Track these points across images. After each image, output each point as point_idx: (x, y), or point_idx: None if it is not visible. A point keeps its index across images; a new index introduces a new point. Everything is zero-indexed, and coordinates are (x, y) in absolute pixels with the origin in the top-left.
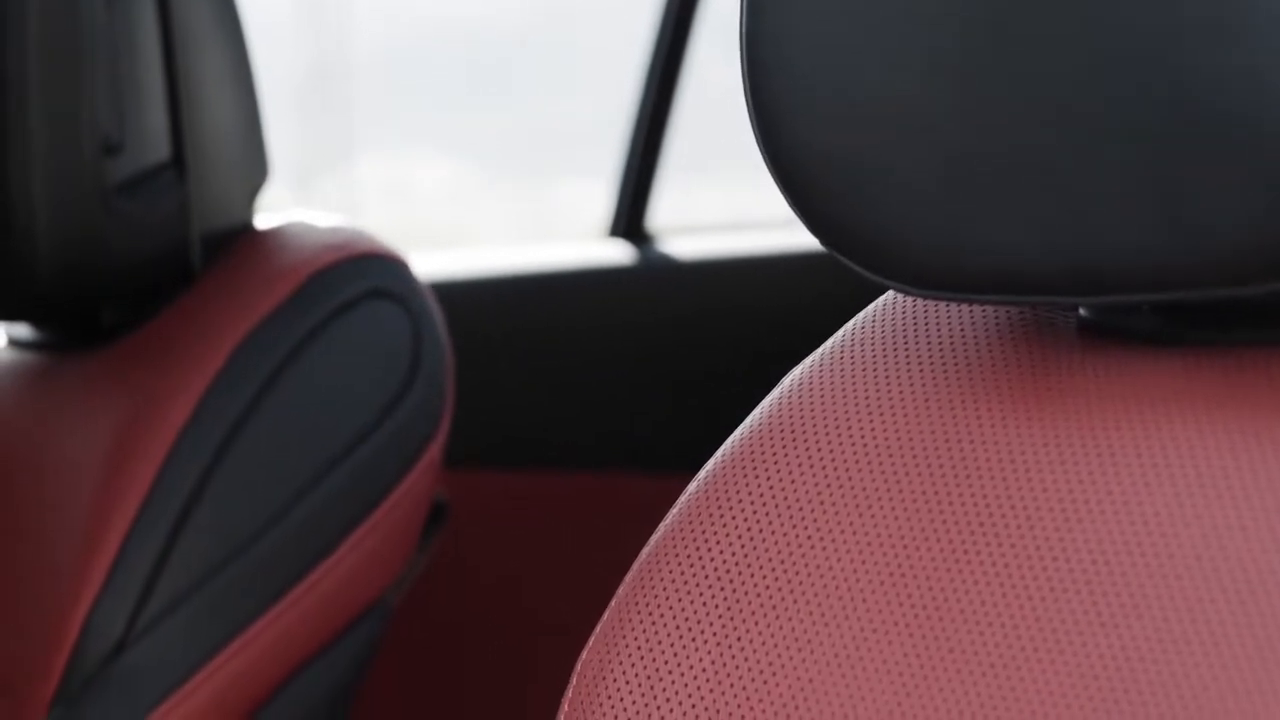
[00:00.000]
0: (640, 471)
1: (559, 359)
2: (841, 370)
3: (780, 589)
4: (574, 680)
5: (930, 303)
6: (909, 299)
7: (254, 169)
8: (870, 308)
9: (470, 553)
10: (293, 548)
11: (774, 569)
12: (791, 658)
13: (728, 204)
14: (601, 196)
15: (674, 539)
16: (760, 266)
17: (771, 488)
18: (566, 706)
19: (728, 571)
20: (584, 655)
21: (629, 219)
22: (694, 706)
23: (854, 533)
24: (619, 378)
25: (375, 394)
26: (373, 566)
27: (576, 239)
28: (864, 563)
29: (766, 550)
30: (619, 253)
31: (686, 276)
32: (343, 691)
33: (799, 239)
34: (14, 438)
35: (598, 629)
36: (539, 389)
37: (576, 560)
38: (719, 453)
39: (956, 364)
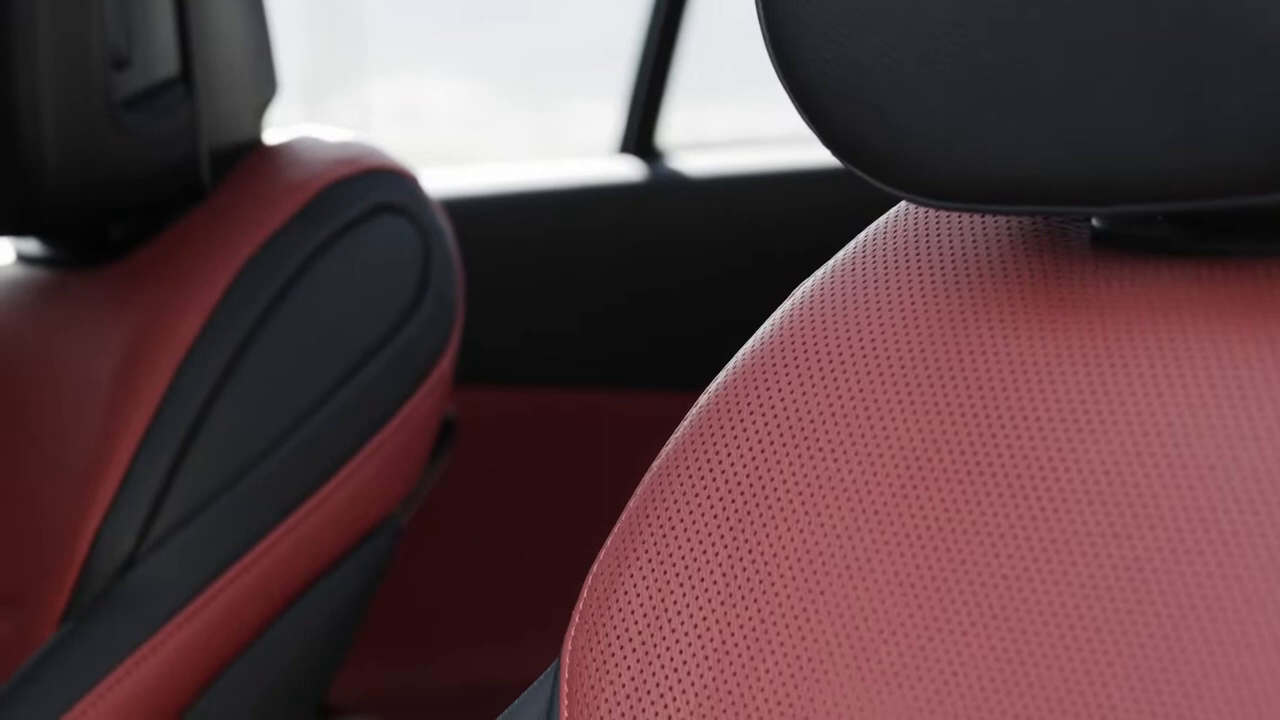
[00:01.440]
0: (650, 388)
1: (569, 276)
2: (852, 282)
3: (790, 501)
4: (585, 593)
5: (942, 214)
6: (920, 210)
7: (262, 84)
8: (881, 219)
9: (480, 470)
10: (302, 464)
11: (784, 481)
12: (802, 569)
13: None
14: (612, 117)
15: (684, 452)
16: (771, 182)
17: (782, 399)
18: (577, 619)
19: (738, 484)
20: (595, 568)
21: (639, 135)
22: (704, 618)
23: (864, 445)
24: (629, 294)
25: (385, 309)
26: (382, 483)
27: (587, 156)
28: (874, 475)
29: (777, 462)
30: (629, 169)
31: (697, 193)
32: (352, 607)
33: (810, 155)
34: (23, 354)
35: (608, 542)
36: (549, 306)
37: (586, 476)
38: (729, 366)
39: (968, 275)
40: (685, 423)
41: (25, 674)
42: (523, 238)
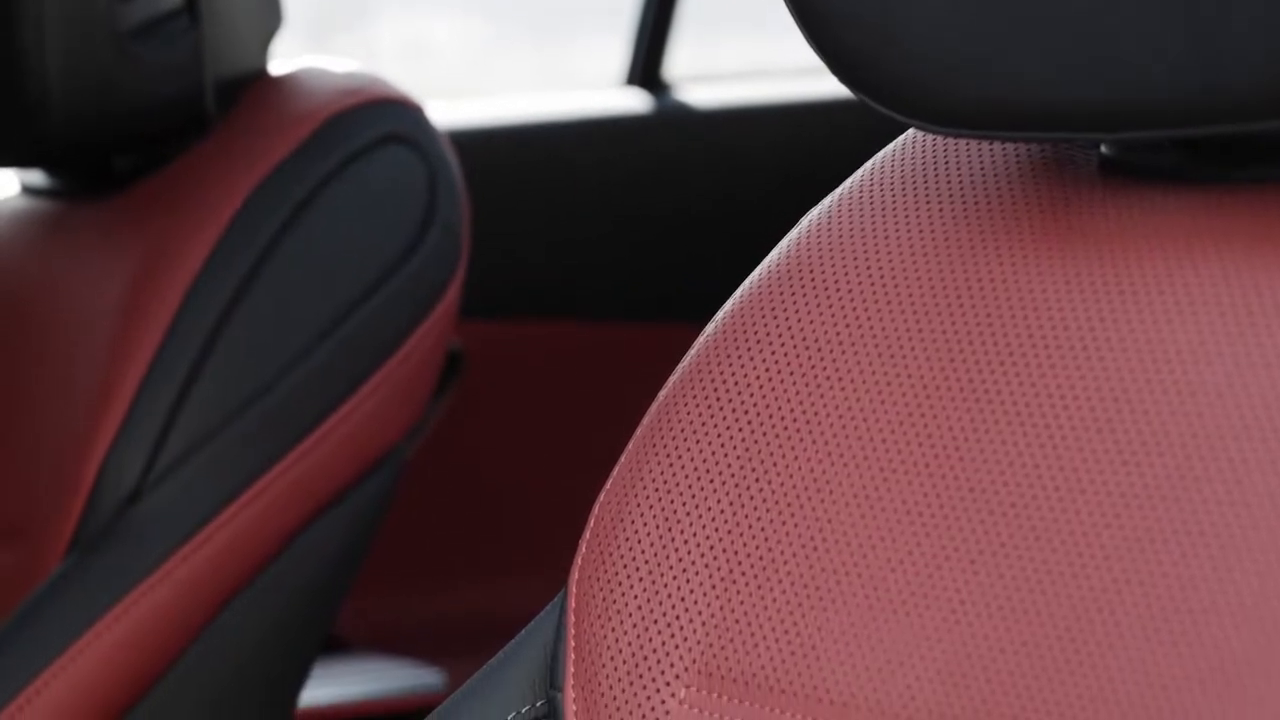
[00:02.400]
0: (658, 320)
1: (576, 208)
2: (860, 210)
3: (798, 430)
4: (591, 523)
5: (950, 141)
6: (929, 138)
7: (267, 15)
8: (889, 147)
9: (486, 402)
10: (308, 395)
11: (792, 410)
12: (809, 499)
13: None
14: (619, 53)
15: (691, 380)
16: (777, 114)
17: (789, 328)
18: (584, 549)
19: (745, 413)
20: (601, 497)
21: (645, 67)
22: (711, 548)
23: (873, 373)
24: (636, 226)
25: (390, 240)
26: (388, 415)
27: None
28: (883, 403)
29: (784, 391)
30: (635, 101)
31: (703, 124)
32: (358, 540)
33: (817, 87)
34: (28, 285)
35: (615, 471)
36: (556, 238)
37: (592, 408)
38: (736, 294)
39: (977, 203)
40: (692, 351)
41: (31, 606)
42: (529, 170)
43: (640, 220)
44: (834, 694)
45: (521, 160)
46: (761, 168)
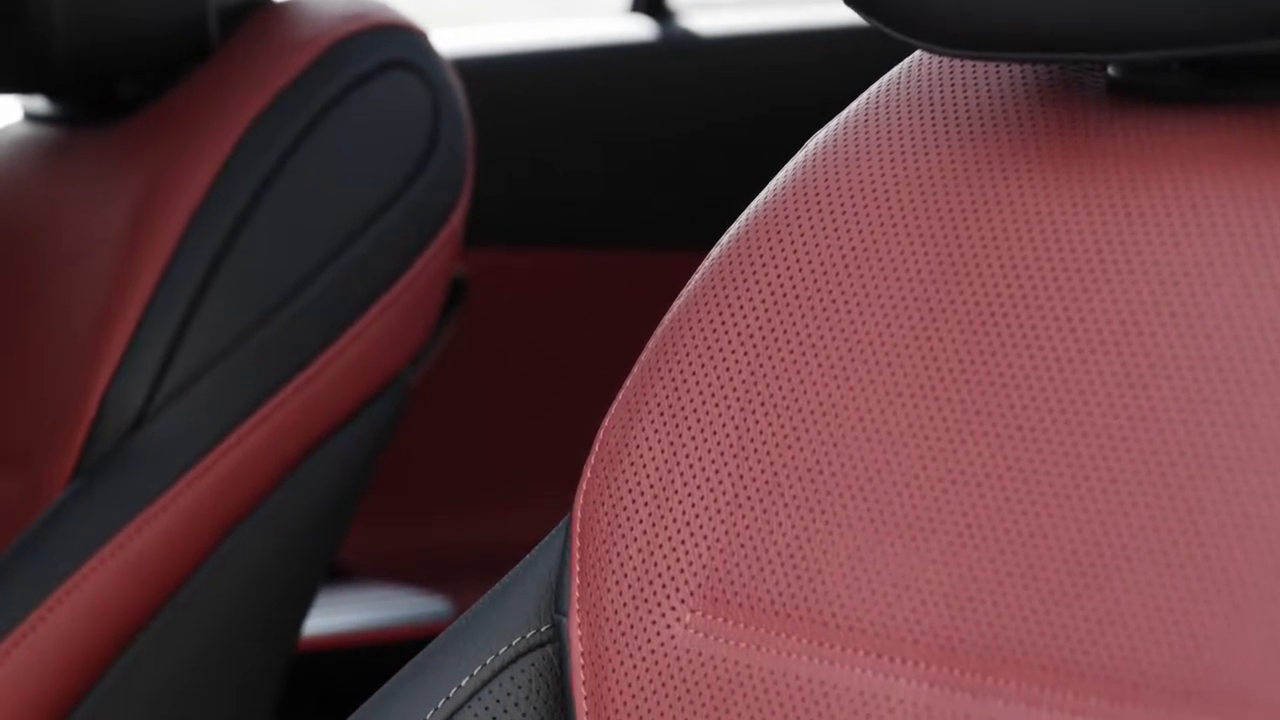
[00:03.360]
0: (662, 247)
1: (580, 135)
2: (865, 133)
3: (804, 353)
4: (596, 448)
5: (957, 63)
6: (935, 60)
7: None
8: (895, 70)
9: (490, 330)
10: (311, 322)
11: (797, 333)
12: (815, 423)
13: None
14: None
15: (697, 304)
16: (782, 41)
17: (794, 251)
18: (589, 474)
19: (751, 336)
20: (606, 423)
21: None
22: (716, 472)
23: (879, 296)
24: (640, 153)
25: (394, 166)
26: (391, 342)
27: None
28: (889, 327)
29: (790, 314)
30: (640, 28)
31: (708, 52)
32: (361, 468)
33: (823, 12)
34: (32, 210)
35: (620, 396)
36: (560, 165)
37: (596, 336)
38: (741, 218)
39: (983, 125)
40: (697, 275)
41: (35, 532)
42: (534, 97)
43: (645, 147)
44: (839, 618)
45: (526, 88)
46: (766, 94)
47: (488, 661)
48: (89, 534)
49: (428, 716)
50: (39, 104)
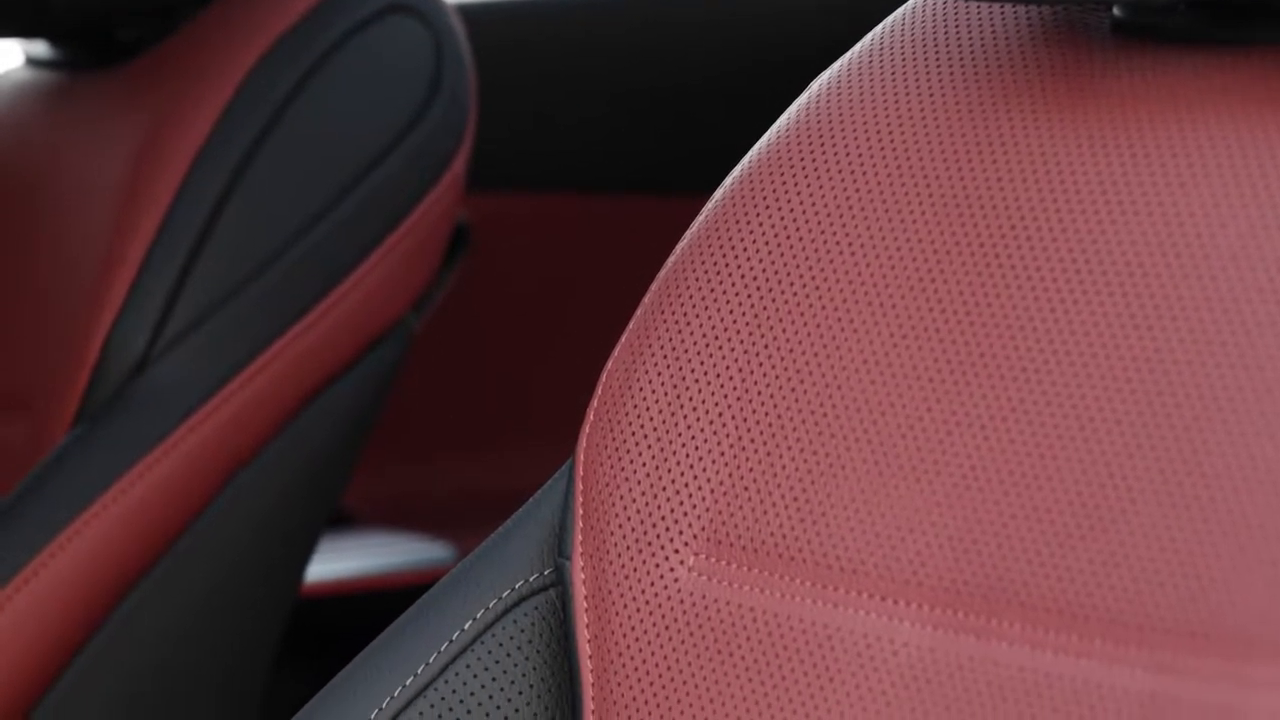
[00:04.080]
0: (664, 193)
1: (584, 80)
2: (869, 74)
3: (807, 295)
4: (599, 392)
5: (961, 5)
6: (939, 2)
7: None
8: (899, 11)
9: (493, 275)
10: (314, 266)
11: (800, 275)
12: (819, 365)
13: None
14: None
15: (699, 246)
16: None
17: (798, 193)
18: (591, 416)
19: (754, 278)
20: (609, 367)
21: None
22: (720, 414)
23: (882, 237)
24: (642, 97)
25: (396, 110)
26: (394, 287)
27: None
28: (893, 268)
29: (793, 256)
30: None
31: None
32: (364, 413)
33: None
34: (33, 155)
35: (622, 340)
36: (564, 110)
37: (600, 281)
38: (744, 160)
39: (988, 66)
40: (700, 218)
41: (37, 477)
42: (537, 42)
43: (648, 92)
44: (843, 561)
45: (529, 33)
46: (767, 36)
47: (490, 605)
48: (91, 479)
49: (431, 660)
50: (40, 49)
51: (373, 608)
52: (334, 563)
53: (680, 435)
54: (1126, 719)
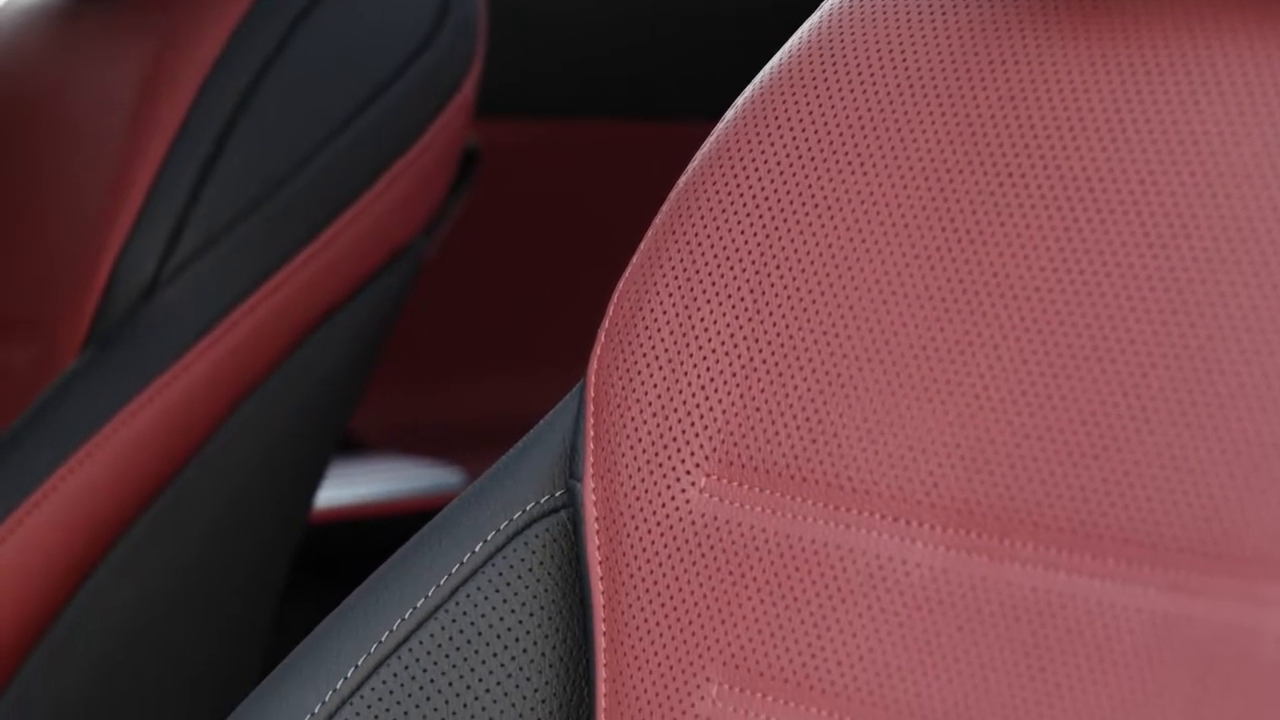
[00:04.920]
0: (675, 117)
1: (594, 3)
2: None
3: (819, 215)
4: (610, 311)
5: None
6: None
7: None
8: None
9: (503, 200)
10: (324, 189)
11: (813, 195)
12: (831, 284)
13: None
14: None
15: (712, 165)
16: None
17: (811, 112)
18: (603, 337)
19: (766, 198)
20: (620, 287)
21: None
22: (732, 335)
23: (895, 158)
24: (654, 22)
25: (405, 34)
26: (403, 211)
27: None
28: (906, 188)
29: (805, 176)
30: None
31: None
32: (373, 339)
33: None
34: (40, 82)
35: (634, 261)
36: (574, 35)
37: (609, 205)
38: (756, 79)
39: None
40: (711, 139)
41: (46, 400)
42: None
43: (659, 15)
44: (855, 481)
45: None
46: None
47: (501, 527)
48: (100, 404)
49: (441, 582)
50: None
51: (382, 533)
52: (343, 488)
53: (692, 356)
54: (1140, 639)
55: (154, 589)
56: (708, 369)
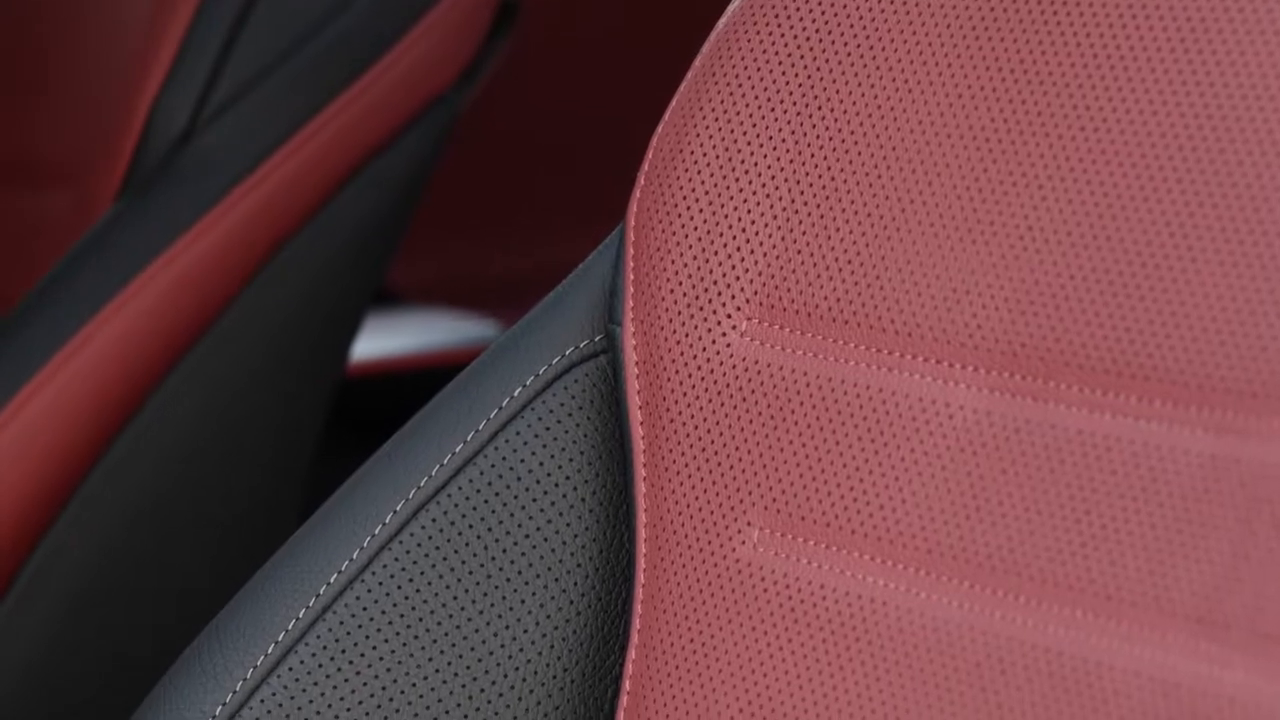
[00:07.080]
0: None
1: None
2: None
3: (862, 54)
4: (650, 154)
5: None
6: None
7: None
8: None
9: (541, 50)
10: (359, 37)
11: (855, 34)
12: (873, 124)
13: None
14: None
15: (753, 5)
16: None
17: None
18: (642, 180)
19: (807, 37)
20: (660, 130)
21: None
22: (774, 177)
23: None
24: None
25: None
26: (440, 57)
27: None
28: (948, 28)
29: (847, 15)
30: None
31: None
32: (408, 189)
33: None
34: None
35: (673, 103)
36: None
37: (648, 52)
38: None
39: None
40: None
41: (84, 247)
42: None
43: None
44: (898, 324)
45: None
46: None
47: (540, 372)
48: (137, 251)
49: (480, 427)
50: None
51: (417, 387)
52: (380, 340)
53: (733, 198)
54: (1187, 480)
55: (189, 438)
56: (749, 211)
